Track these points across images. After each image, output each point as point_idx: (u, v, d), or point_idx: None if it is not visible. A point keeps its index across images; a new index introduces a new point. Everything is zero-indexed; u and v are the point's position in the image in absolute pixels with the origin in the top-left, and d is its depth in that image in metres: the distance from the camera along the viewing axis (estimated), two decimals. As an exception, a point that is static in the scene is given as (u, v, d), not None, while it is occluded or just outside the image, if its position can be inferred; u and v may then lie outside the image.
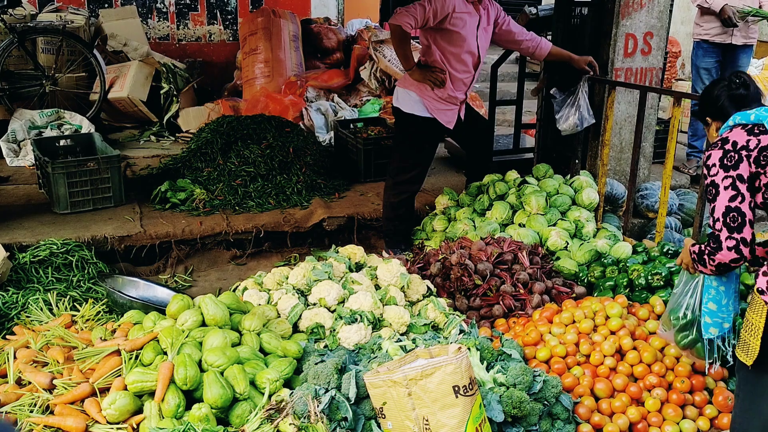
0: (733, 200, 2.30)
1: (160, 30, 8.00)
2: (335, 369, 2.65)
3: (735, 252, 2.29)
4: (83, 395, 2.65)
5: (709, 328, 2.59)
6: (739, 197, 2.29)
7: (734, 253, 2.29)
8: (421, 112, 4.16)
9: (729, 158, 2.34)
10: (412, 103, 4.16)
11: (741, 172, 2.31)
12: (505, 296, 3.57)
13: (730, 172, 2.32)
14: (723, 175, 2.33)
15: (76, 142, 5.03)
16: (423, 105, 4.15)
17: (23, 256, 3.85)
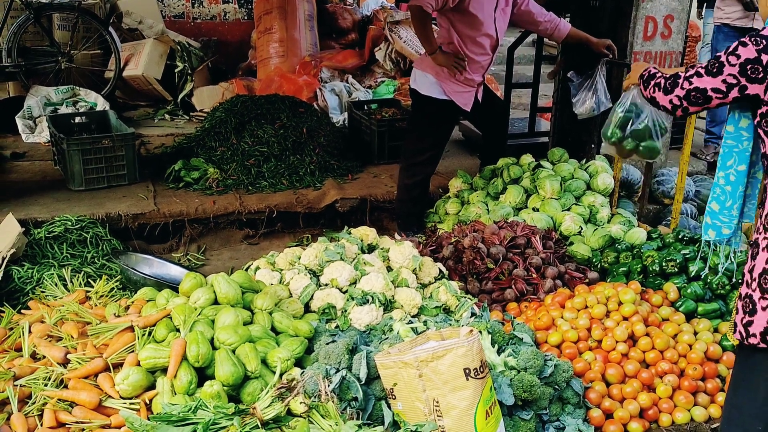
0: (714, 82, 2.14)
1: (175, 8, 7.98)
2: (346, 349, 2.65)
3: (671, 106, 2.29)
4: (97, 370, 2.67)
5: (708, 230, 2.42)
6: (720, 94, 2.15)
7: (670, 105, 2.29)
8: (438, 95, 4.13)
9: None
10: (429, 85, 4.13)
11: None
12: (517, 280, 3.55)
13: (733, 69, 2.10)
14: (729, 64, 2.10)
15: (91, 120, 5.05)
16: (440, 87, 4.12)
17: (38, 232, 3.88)
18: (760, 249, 2.08)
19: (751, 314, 2.08)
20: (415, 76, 4.22)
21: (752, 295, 2.07)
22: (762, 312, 2.05)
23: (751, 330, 2.08)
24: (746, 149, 2.26)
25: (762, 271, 2.05)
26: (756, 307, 2.06)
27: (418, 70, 4.19)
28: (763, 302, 2.05)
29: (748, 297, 2.09)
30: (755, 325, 2.07)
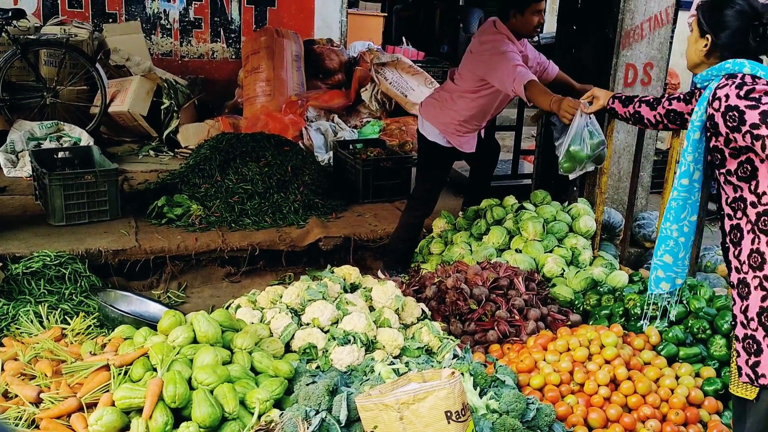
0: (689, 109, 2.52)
1: (163, 46, 8.04)
2: (327, 390, 2.61)
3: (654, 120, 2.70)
4: (70, 410, 2.61)
5: (660, 283, 2.45)
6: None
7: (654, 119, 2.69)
8: (444, 143, 4.23)
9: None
10: (435, 134, 4.22)
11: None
12: (500, 322, 3.54)
13: None
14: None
15: (75, 155, 5.02)
16: (446, 139, 4.21)
17: (16, 267, 3.82)
18: (751, 288, 2.10)
19: (756, 354, 2.09)
20: (423, 123, 4.28)
21: (754, 335, 2.08)
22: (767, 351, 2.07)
23: (760, 371, 2.09)
24: (697, 200, 2.38)
25: (760, 310, 2.08)
26: (762, 346, 2.08)
27: (425, 120, 4.25)
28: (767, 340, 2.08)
29: (750, 338, 2.10)
30: (763, 365, 2.08)
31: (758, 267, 2.09)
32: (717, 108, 2.13)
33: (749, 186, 2.13)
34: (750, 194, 2.12)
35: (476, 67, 4.01)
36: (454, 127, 4.16)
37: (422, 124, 4.29)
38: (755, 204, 2.11)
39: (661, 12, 4.52)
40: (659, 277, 2.44)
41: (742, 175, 2.14)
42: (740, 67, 2.22)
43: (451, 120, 4.15)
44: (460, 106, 4.11)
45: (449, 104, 4.15)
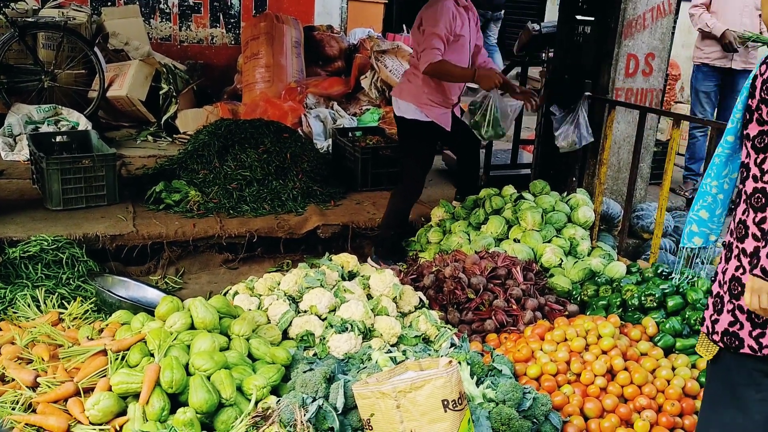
0: None
1: (162, 30, 7.99)
2: (323, 378, 2.62)
3: None
4: (67, 394, 2.61)
5: (693, 238, 2.44)
6: None
7: None
8: (422, 118, 4.27)
9: None
10: (413, 111, 4.25)
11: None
12: (497, 311, 3.55)
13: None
14: None
15: (72, 139, 5.00)
16: (423, 113, 4.23)
17: (13, 251, 3.81)
18: (732, 254, 2.15)
19: (718, 313, 2.16)
20: (399, 105, 4.31)
21: (723, 296, 2.15)
22: (726, 314, 2.13)
23: (717, 327, 2.16)
24: (739, 158, 2.33)
25: (732, 277, 2.13)
26: (724, 308, 2.14)
27: (401, 100, 4.29)
28: (729, 305, 2.13)
29: (719, 296, 2.17)
30: (720, 324, 2.15)
31: (740, 239, 2.11)
32: (762, 72, 2.04)
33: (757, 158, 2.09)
34: (755, 166, 2.10)
35: (415, 28, 4.17)
36: (426, 98, 4.22)
37: (398, 107, 4.33)
38: (756, 178, 2.09)
39: (663, 2, 4.49)
40: (693, 232, 2.43)
41: (757, 145, 2.08)
42: None
43: (420, 92, 4.22)
44: (420, 81, 4.20)
45: (414, 79, 4.24)
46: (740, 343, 2.09)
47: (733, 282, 2.12)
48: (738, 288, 2.09)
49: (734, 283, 2.11)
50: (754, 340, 2.08)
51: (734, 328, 2.10)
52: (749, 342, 2.08)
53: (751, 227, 2.07)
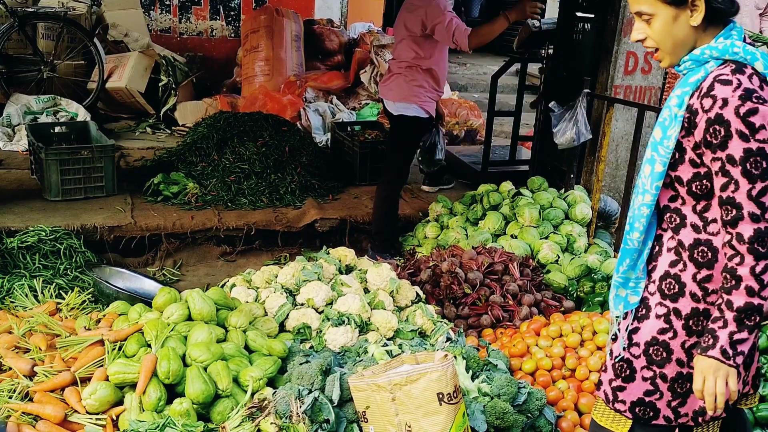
0: None
1: (162, 22, 7.98)
2: (320, 370, 2.63)
3: None
4: (64, 384, 2.62)
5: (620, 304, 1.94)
6: None
7: None
8: (422, 114, 4.32)
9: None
10: (413, 109, 4.28)
11: None
12: (493, 306, 3.56)
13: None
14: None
15: (71, 130, 5.00)
16: (423, 109, 4.28)
17: (11, 241, 3.81)
18: (651, 313, 1.86)
19: (626, 380, 1.90)
20: (397, 107, 4.32)
21: (632, 360, 1.89)
22: (641, 382, 1.88)
23: (623, 396, 1.91)
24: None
25: (652, 340, 1.85)
26: (635, 374, 1.88)
27: (399, 102, 4.30)
28: (646, 372, 1.87)
29: (625, 361, 1.90)
30: (628, 392, 1.90)
31: (671, 297, 1.82)
32: (706, 108, 1.66)
33: (696, 205, 1.79)
34: (694, 214, 1.79)
35: (414, 25, 4.16)
36: (426, 94, 4.27)
37: (394, 106, 4.34)
38: (698, 228, 1.79)
39: (663, 0, 4.50)
40: (620, 297, 1.96)
41: (696, 191, 1.77)
42: (753, 57, 1.68)
43: (420, 90, 4.25)
44: (418, 76, 4.22)
45: (409, 78, 4.25)
46: (655, 414, 1.87)
47: (654, 347, 1.84)
48: (663, 354, 1.83)
49: (657, 348, 1.84)
50: (671, 410, 1.86)
51: (652, 398, 1.87)
52: (665, 412, 1.87)
53: (689, 285, 1.80)
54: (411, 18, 4.18)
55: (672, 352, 1.83)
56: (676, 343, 1.82)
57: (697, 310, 1.80)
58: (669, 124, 1.76)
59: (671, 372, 1.84)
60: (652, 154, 1.80)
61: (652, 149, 1.80)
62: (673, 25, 1.72)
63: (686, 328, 1.81)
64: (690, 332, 1.81)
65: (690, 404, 1.86)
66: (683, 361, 1.83)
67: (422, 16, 4.10)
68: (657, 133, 1.79)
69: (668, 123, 1.76)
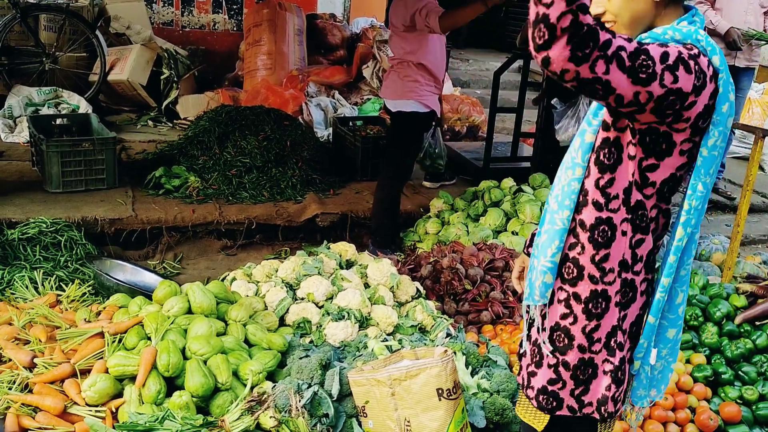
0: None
1: (164, 15, 7.96)
2: (319, 365, 2.63)
3: None
4: (63, 375, 2.62)
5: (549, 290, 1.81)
6: None
7: None
8: (422, 109, 4.26)
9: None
10: (411, 105, 4.23)
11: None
12: (494, 303, 3.56)
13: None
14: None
15: (73, 122, 4.99)
16: (421, 104, 4.23)
17: (11, 233, 3.81)
18: (555, 298, 1.79)
19: (538, 365, 1.84)
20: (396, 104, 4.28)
21: (542, 346, 1.82)
22: (546, 369, 1.82)
23: (533, 382, 1.85)
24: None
25: (555, 326, 1.79)
26: (543, 361, 1.82)
27: (399, 100, 4.26)
28: (550, 359, 1.80)
29: (537, 345, 1.84)
30: (537, 379, 1.83)
31: (570, 281, 1.76)
32: None
33: (600, 179, 1.69)
34: (596, 190, 1.70)
35: (400, 20, 4.13)
36: (423, 88, 4.22)
37: (392, 104, 4.31)
38: (600, 206, 1.70)
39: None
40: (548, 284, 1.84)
41: (603, 161, 1.68)
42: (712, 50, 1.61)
43: (415, 84, 4.20)
44: (414, 72, 4.18)
45: (406, 72, 4.21)
46: (558, 403, 1.82)
47: (557, 332, 1.79)
48: (565, 340, 1.78)
49: (559, 333, 1.79)
50: (575, 399, 1.80)
51: (555, 386, 1.81)
52: (569, 402, 1.81)
53: (587, 267, 1.73)
54: (396, 12, 4.16)
55: (573, 338, 1.77)
56: (577, 329, 1.76)
57: (596, 292, 1.74)
58: None
59: (573, 359, 1.78)
60: (583, 126, 1.74)
61: (585, 121, 1.74)
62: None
63: (586, 312, 1.75)
64: (590, 315, 1.75)
65: (593, 392, 1.80)
66: (584, 347, 1.77)
67: (403, 8, 4.07)
68: (593, 103, 1.72)
69: None
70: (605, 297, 1.74)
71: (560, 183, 1.77)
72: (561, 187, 1.76)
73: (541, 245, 1.79)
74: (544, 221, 1.80)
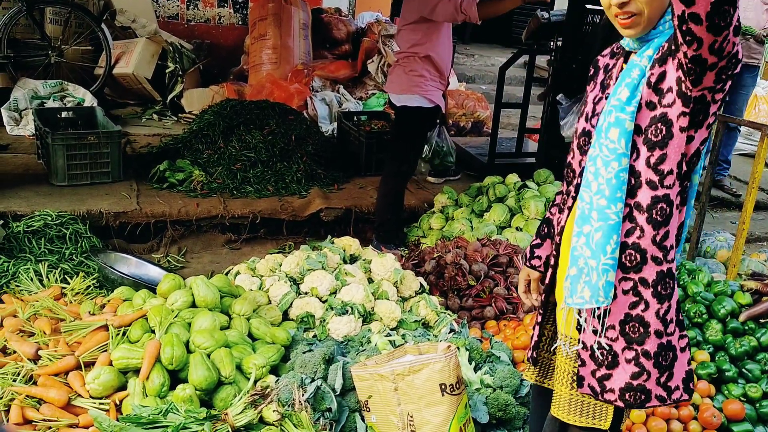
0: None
1: (169, 9, 7.95)
2: (323, 359, 2.63)
3: None
4: (68, 368, 2.63)
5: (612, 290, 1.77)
6: None
7: None
8: (427, 104, 4.24)
9: None
10: (416, 100, 4.21)
11: None
12: (497, 298, 3.56)
13: None
14: None
15: (78, 115, 5.00)
16: (426, 99, 4.20)
17: (17, 226, 3.82)
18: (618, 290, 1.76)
19: (609, 366, 1.79)
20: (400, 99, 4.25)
21: (611, 345, 1.78)
22: (625, 365, 1.77)
23: (609, 384, 1.79)
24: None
25: (626, 317, 1.76)
26: (617, 359, 1.77)
27: (404, 95, 4.23)
28: (627, 353, 1.76)
29: (602, 347, 1.79)
30: (614, 380, 1.78)
31: (634, 268, 1.74)
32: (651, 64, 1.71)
33: (650, 156, 1.69)
34: (648, 169, 1.70)
35: (411, 13, 4.09)
36: (429, 84, 4.19)
37: (397, 98, 4.28)
38: (654, 184, 1.70)
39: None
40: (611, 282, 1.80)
41: (652, 138, 1.69)
42: None
43: (421, 79, 4.17)
44: (416, 65, 4.15)
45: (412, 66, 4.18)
46: (647, 396, 1.77)
47: (629, 324, 1.75)
48: (640, 329, 1.75)
49: (632, 324, 1.75)
50: (662, 387, 1.77)
51: (640, 380, 1.76)
52: (656, 391, 1.77)
53: (649, 249, 1.72)
54: (408, 6, 4.13)
55: (649, 324, 1.74)
56: (651, 314, 1.74)
57: (661, 273, 1.73)
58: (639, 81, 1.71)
59: (653, 347, 1.75)
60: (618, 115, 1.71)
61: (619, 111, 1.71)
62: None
63: (657, 295, 1.74)
64: (660, 298, 1.74)
65: (677, 375, 1.78)
66: (661, 331, 1.75)
67: (420, 1, 4.02)
68: (623, 93, 1.72)
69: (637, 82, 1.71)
70: (670, 275, 1.76)
71: (600, 179, 1.72)
72: (606, 182, 1.72)
73: (596, 245, 1.73)
74: (586, 221, 1.75)
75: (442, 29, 4.15)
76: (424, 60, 4.15)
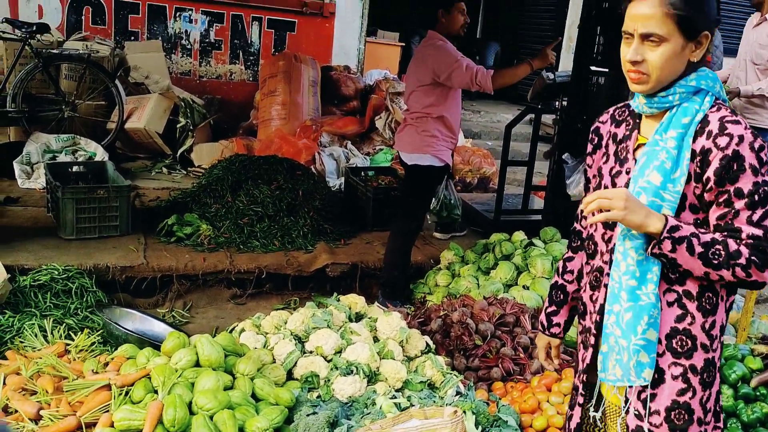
0: None
1: (182, 65, 8.14)
2: (327, 422, 2.60)
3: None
4: (68, 429, 2.60)
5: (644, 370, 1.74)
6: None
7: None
8: (437, 163, 4.29)
9: None
10: (428, 159, 4.26)
11: None
12: (504, 359, 3.51)
13: None
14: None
15: (89, 169, 5.06)
16: (437, 158, 4.26)
17: (24, 279, 3.83)
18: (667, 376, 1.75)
19: (654, 385, 1.75)
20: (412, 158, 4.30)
21: (707, 430, 1.76)
22: (672, 381, 1.73)
23: (654, 405, 1.75)
24: None
25: (672, 404, 1.74)
26: (664, 374, 1.74)
27: (416, 153, 4.28)
28: (675, 369, 1.73)
29: None
30: (660, 399, 1.74)
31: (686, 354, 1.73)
32: (722, 146, 1.63)
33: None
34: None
35: (424, 76, 4.16)
36: (441, 144, 4.25)
37: (408, 157, 4.33)
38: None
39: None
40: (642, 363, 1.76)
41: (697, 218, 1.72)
42: (714, 80, 1.73)
43: (433, 139, 4.23)
44: (429, 126, 4.21)
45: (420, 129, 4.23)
46: (690, 417, 1.73)
47: (675, 410, 1.72)
48: (685, 416, 1.72)
49: (679, 411, 1.72)
50: (702, 407, 1.74)
51: (685, 397, 1.73)
52: (699, 414, 1.74)
53: (699, 336, 1.72)
54: (421, 70, 4.19)
55: (693, 412, 1.73)
56: (696, 402, 1.73)
57: (708, 361, 1.73)
58: (671, 167, 1.68)
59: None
60: (652, 200, 1.68)
61: (653, 195, 1.68)
62: (678, 55, 1.69)
63: (702, 383, 1.73)
64: (705, 385, 1.74)
65: None
66: (702, 420, 1.75)
67: (433, 66, 4.09)
68: (654, 177, 1.69)
69: (669, 166, 1.68)
70: (713, 365, 1.76)
71: (629, 259, 1.71)
72: (636, 263, 1.70)
73: (626, 324, 1.72)
74: (616, 300, 1.74)
75: (456, 91, 4.25)
76: (437, 120, 4.21)
